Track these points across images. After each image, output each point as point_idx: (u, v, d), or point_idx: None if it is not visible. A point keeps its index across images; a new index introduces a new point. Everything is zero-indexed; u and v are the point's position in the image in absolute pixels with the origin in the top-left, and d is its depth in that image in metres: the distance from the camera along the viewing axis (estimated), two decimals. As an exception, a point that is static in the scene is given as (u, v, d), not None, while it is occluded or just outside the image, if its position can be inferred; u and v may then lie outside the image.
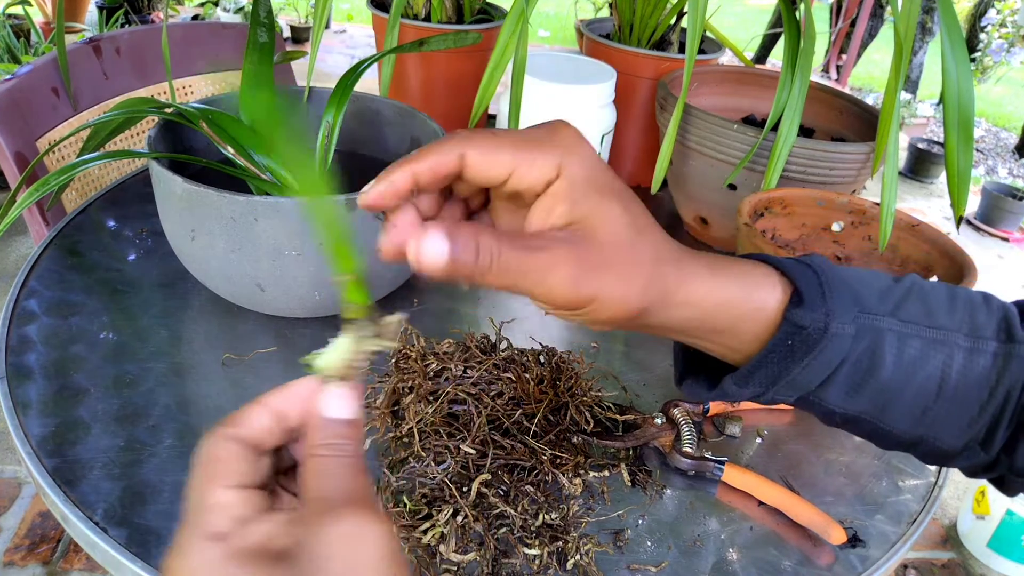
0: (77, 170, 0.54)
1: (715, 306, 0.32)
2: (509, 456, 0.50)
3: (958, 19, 0.66)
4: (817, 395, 0.33)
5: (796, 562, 0.48)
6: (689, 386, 0.36)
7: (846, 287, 0.33)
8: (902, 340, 0.32)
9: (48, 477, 0.48)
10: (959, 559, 1.45)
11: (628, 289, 0.29)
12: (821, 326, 0.31)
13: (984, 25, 3.54)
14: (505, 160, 0.29)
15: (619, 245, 0.29)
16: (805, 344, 0.31)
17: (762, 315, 0.32)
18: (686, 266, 0.31)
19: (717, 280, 0.32)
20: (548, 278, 0.28)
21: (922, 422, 0.33)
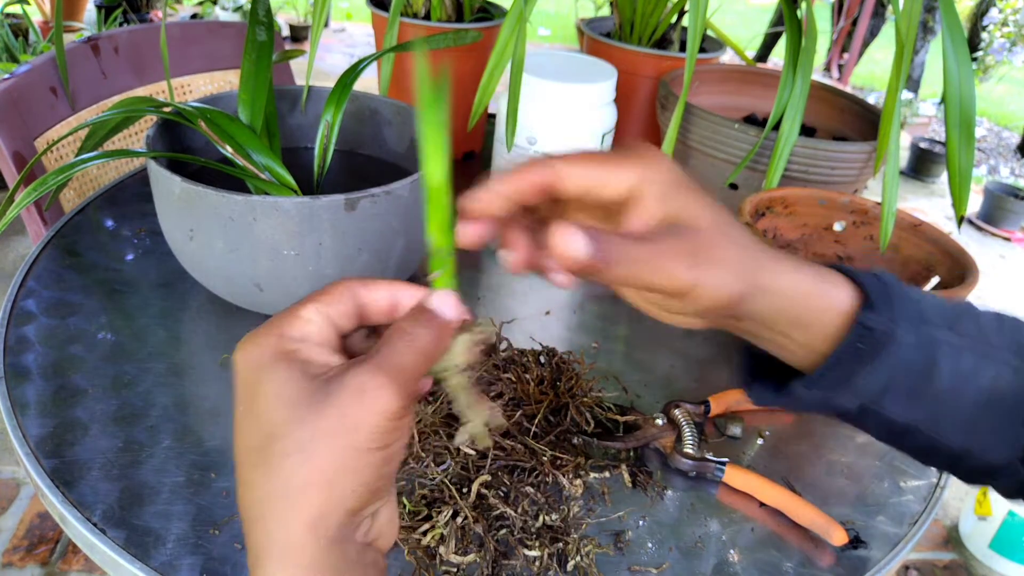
0: (75, 169, 0.54)
1: (798, 297, 0.34)
2: (509, 457, 0.50)
3: (960, 18, 0.65)
4: (879, 403, 0.35)
5: (797, 563, 0.48)
6: (756, 390, 0.38)
7: (909, 299, 0.35)
8: (957, 352, 0.34)
9: (46, 478, 0.47)
10: (961, 560, 1.44)
11: (728, 272, 0.31)
12: (888, 330, 0.33)
13: (986, 24, 3.53)
14: (594, 169, 0.32)
15: (714, 234, 0.31)
16: (872, 347, 0.33)
17: (835, 313, 0.34)
18: (773, 260, 0.33)
19: (800, 273, 0.34)
20: (666, 266, 0.30)
21: (971, 435, 0.35)
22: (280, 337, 0.27)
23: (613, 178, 0.31)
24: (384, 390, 0.25)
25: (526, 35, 0.66)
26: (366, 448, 0.25)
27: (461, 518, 0.46)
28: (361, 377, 0.25)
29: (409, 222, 0.60)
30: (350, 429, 0.25)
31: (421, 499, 0.47)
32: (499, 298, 0.71)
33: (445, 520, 0.45)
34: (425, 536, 0.45)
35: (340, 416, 0.25)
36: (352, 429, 0.25)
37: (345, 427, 0.25)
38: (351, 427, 0.25)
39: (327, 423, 0.25)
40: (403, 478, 0.49)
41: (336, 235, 0.55)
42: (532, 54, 0.74)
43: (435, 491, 0.47)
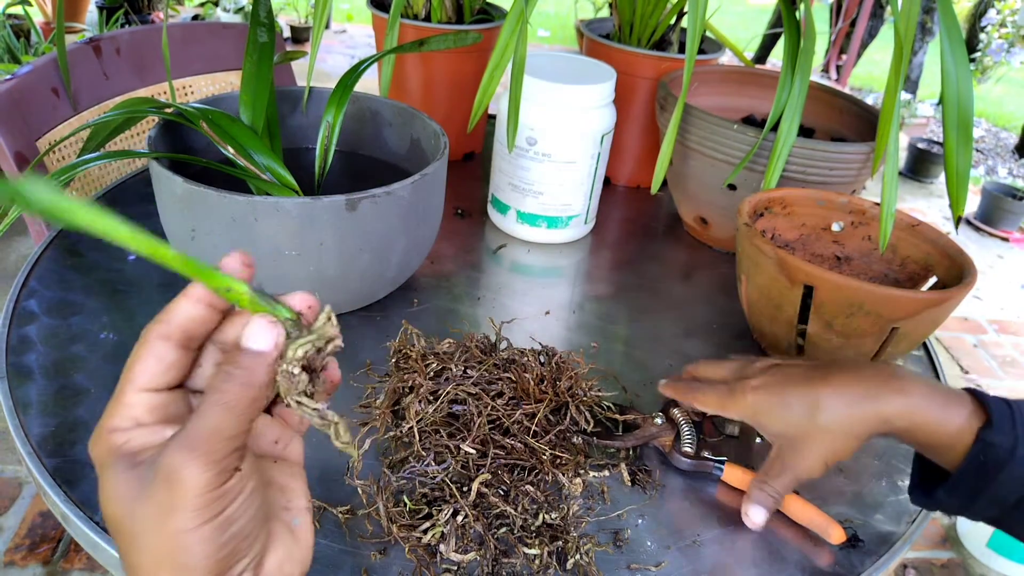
0: (77, 170, 0.54)
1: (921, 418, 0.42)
2: (509, 456, 0.50)
3: (958, 19, 0.66)
4: (1020, 513, 0.39)
5: (796, 562, 0.48)
6: (915, 496, 0.46)
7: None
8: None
9: (48, 477, 0.48)
10: (959, 559, 1.45)
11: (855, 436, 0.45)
12: (1008, 447, 0.38)
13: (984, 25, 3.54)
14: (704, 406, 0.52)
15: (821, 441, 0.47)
16: (996, 461, 0.38)
17: (960, 436, 0.40)
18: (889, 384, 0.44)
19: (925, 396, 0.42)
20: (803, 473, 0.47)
21: None
22: (110, 433, 0.26)
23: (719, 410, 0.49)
24: (188, 469, 0.24)
25: (527, 36, 0.66)
26: (191, 528, 0.24)
27: (461, 516, 0.46)
28: (166, 459, 0.24)
29: (409, 222, 0.60)
30: (167, 514, 0.24)
31: (422, 497, 0.47)
32: (499, 298, 0.72)
33: (445, 518, 0.46)
34: (426, 534, 0.45)
35: (156, 505, 0.24)
36: (168, 513, 0.24)
37: (163, 513, 0.24)
38: (168, 512, 0.24)
39: (148, 511, 0.25)
40: (404, 477, 0.49)
41: (337, 235, 0.55)
42: (532, 55, 0.74)
43: (435, 489, 0.48)
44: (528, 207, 0.78)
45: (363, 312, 0.66)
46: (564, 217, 0.79)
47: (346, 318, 0.65)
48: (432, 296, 0.70)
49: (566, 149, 0.74)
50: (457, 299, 0.70)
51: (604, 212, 0.88)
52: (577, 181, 0.77)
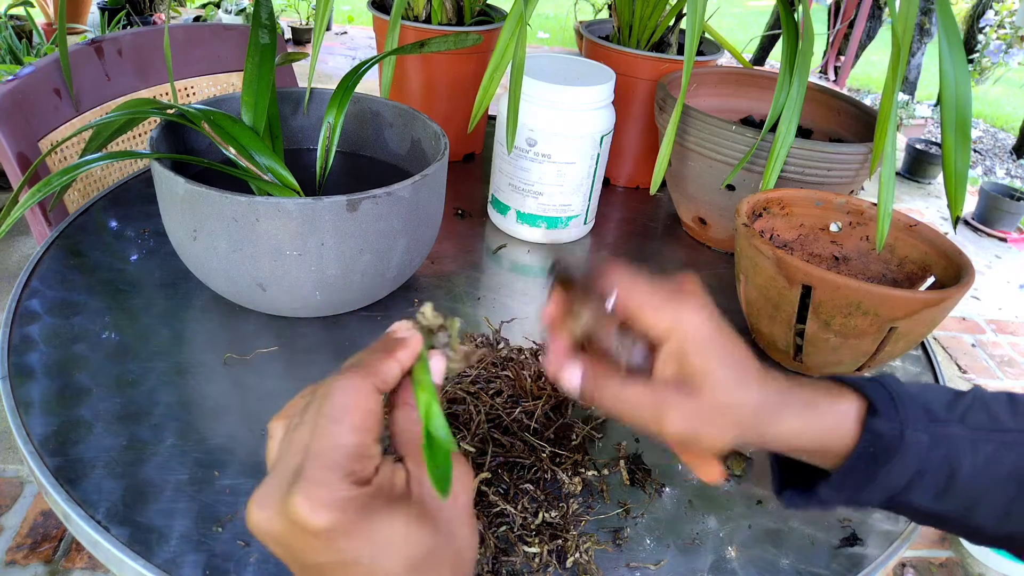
0: (79, 171, 0.55)
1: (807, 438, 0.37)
2: (508, 454, 0.50)
3: (956, 20, 0.66)
4: (906, 497, 0.37)
5: (795, 560, 0.49)
6: (788, 497, 0.41)
7: (914, 400, 0.37)
8: (974, 445, 0.36)
9: (50, 476, 0.48)
10: (957, 558, 1.45)
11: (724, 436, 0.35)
12: (897, 433, 0.36)
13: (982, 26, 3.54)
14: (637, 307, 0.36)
15: (718, 400, 0.35)
16: (885, 450, 0.36)
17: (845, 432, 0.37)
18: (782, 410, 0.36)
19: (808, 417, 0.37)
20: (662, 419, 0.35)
21: (1008, 520, 0.37)
22: (368, 485, 0.28)
23: (650, 321, 0.35)
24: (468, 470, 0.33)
25: (526, 38, 0.67)
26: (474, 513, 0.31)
27: (462, 515, 0.46)
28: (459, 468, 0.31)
29: (410, 223, 0.60)
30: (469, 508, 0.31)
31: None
32: (499, 298, 0.72)
33: (446, 517, 0.46)
34: (426, 532, 0.45)
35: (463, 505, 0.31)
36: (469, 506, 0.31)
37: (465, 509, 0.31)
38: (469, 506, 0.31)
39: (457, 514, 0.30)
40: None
41: (338, 236, 0.56)
42: (532, 57, 0.75)
43: (436, 488, 0.48)
44: (528, 207, 0.78)
45: (363, 312, 0.66)
46: (564, 217, 0.79)
47: (346, 318, 0.65)
48: (432, 296, 0.70)
49: (566, 150, 0.74)
50: (457, 299, 0.71)
51: (603, 212, 0.89)
52: (576, 182, 0.77)
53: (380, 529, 0.27)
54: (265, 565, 0.44)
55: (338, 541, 0.26)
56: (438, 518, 0.29)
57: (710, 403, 0.35)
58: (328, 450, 0.28)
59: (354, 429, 0.28)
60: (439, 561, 0.28)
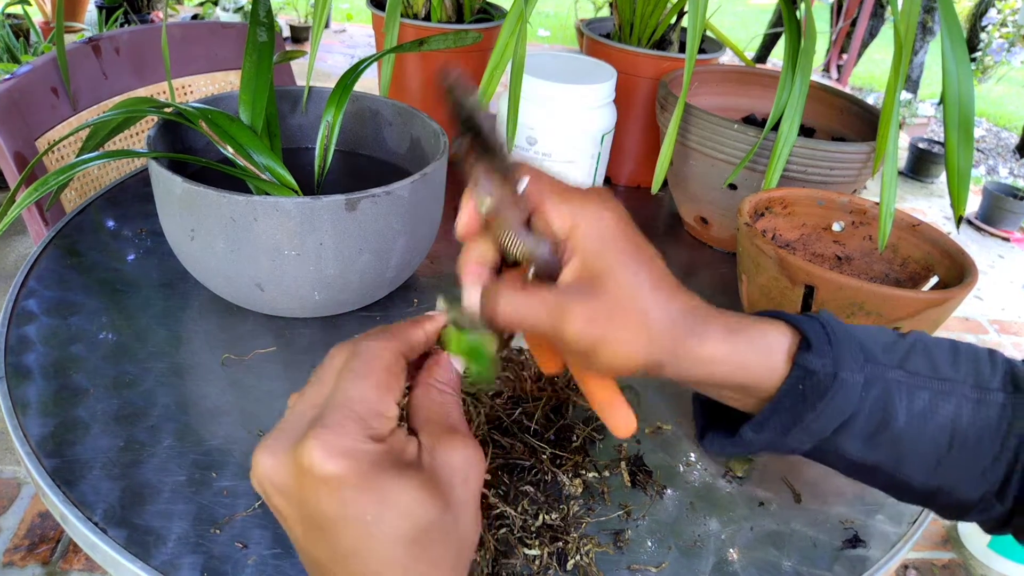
0: (76, 170, 0.54)
1: (731, 366, 0.34)
2: (508, 455, 0.50)
3: (958, 19, 0.65)
4: (834, 443, 0.34)
5: (796, 562, 0.48)
6: (710, 440, 0.38)
7: (851, 338, 0.34)
8: (911, 391, 0.34)
9: (47, 477, 0.48)
10: (960, 559, 1.44)
11: (632, 341, 0.31)
12: (830, 371, 0.33)
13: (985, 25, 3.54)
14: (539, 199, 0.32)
15: (625, 301, 0.31)
16: (816, 389, 0.33)
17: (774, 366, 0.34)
18: (702, 328, 0.33)
19: (733, 342, 0.33)
20: (562, 323, 0.31)
21: (937, 473, 0.34)
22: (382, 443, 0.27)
23: (551, 216, 0.32)
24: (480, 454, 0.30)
25: (526, 36, 0.66)
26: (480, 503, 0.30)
27: (461, 517, 0.46)
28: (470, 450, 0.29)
29: (409, 222, 0.60)
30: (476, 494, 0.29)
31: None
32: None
33: (445, 519, 0.45)
34: (425, 535, 0.45)
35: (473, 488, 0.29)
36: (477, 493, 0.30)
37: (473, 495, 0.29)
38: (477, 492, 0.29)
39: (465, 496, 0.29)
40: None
41: (337, 235, 0.55)
42: (532, 55, 0.74)
43: (435, 490, 0.48)
44: (528, 207, 0.78)
45: (363, 312, 0.66)
46: (564, 217, 0.79)
47: (345, 318, 0.65)
48: (432, 296, 0.70)
49: (566, 149, 0.74)
50: (456, 299, 0.70)
51: (604, 212, 0.88)
52: (577, 181, 0.77)
53: (389, 488, 0.26)
54: (263, 567, 0.44)
55: (345, 492, 0.26)
56: (449, 495, 0.28)
57: (616, 303, 0.31)
58: (349, 401, 0.28)
59: (378, 385, 0.28)
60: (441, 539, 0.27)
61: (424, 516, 0.27)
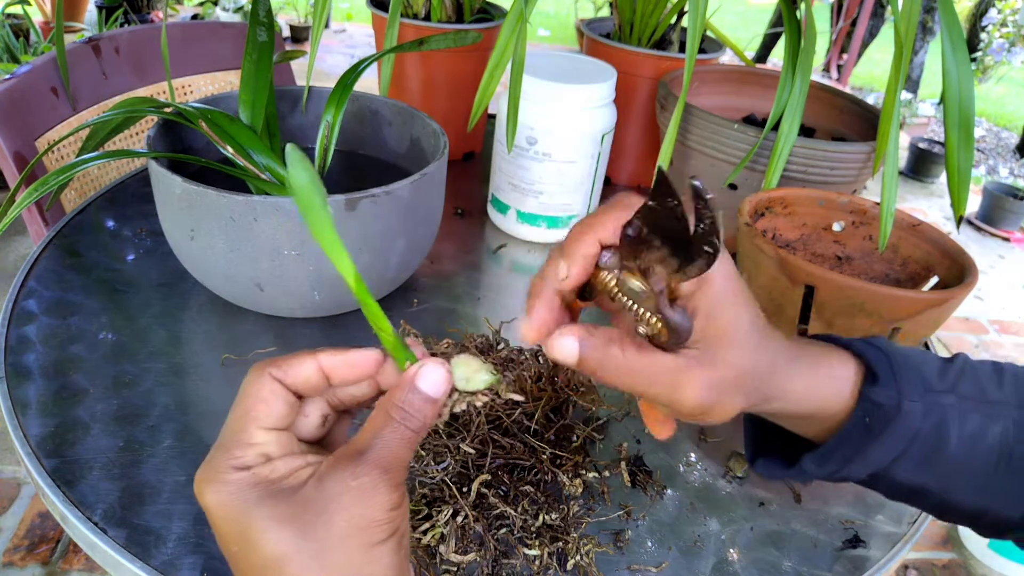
0: (76, 170, 0.54)
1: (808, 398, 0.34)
2: (509, 455, 0.50)
3: (959, 19, 0.65)
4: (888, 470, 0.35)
5: (797, 562, 0.48)
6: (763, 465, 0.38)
7: (911, 366, 0.35)
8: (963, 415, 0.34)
9: (47, 477, 0.47)
10: (960, 559, 1.44)
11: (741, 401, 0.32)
12: (895, 403, 0.33)
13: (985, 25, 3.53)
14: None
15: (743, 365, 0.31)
16: (881, 421, 0.34)
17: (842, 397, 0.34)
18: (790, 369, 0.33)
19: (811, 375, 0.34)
20: (678, 392, 0.30)
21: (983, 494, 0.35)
22: (239, 471, 0.27)
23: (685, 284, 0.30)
24: (383, 485, 0.26)
25: (526, 35, 0.66)
26: (381, 540, 0.26)
27: (461, 517, 0.46)
28: (361, 479, 0.26)
29: (409, 222, 0.60)
30: (361, 528, 0.26)
31: (421, 498, 0.47)
32: (499, 298, 0.71)
33: (445, 519, 0.45)
34: (425, 535, 0.45)
35: (348, 520, 0.25)
36: (362, 528, 0.26)
37: (355, 527, 0.25)
38: (361, 526, 0.26)
39: (337, 529, 0.25)
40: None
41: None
42: (532, 55, 0.74)
43: (435, 490, 0.48)
44: (528, 207, 0.78)
45: (362, 312, 0.66)
46: (564, 217, 0.79)
47: (345, 318, 0.65)
48: (432, 296, 0.70)
49: (566, 149, 0.74)
50: (457, 299, 0.70)
51: (604, 212, 0.88)
52: (577, 181, 0.77)
53: (247, 519, 0.26)
54: (262, 568, 0.44)
55: (216, 523, 0.27)
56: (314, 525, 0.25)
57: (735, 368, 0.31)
58: (223, 433, 0.28)
59: (243, 415, 0.28)
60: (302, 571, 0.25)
61: (274, 547, 0.25)
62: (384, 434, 0.27)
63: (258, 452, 0.28)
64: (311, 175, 0.26)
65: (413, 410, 0.28)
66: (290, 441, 0.29)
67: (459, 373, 0.31)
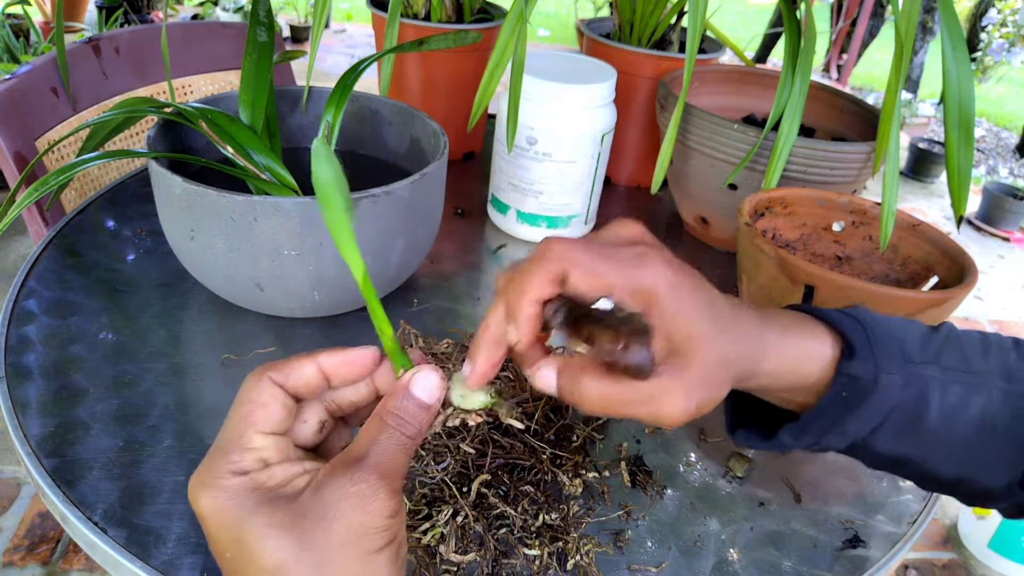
0: (76, 170, 0.54)
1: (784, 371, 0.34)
2: (509, 455, 0.50)
3: (959, 19, 0.65)
4: (867, 440, 0.35)
5: (797, 562, 0.48)
6: (742, 436, 0.39)
7: (891, 338, 0.35)
8: (944, 386, 0.34)
9: (47, 477, 0.47)
10: (960, 559, 1.44)
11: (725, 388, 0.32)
12: (872, 377, 0.33)
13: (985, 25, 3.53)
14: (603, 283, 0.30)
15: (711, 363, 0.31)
16: (858, 395, 0.33)
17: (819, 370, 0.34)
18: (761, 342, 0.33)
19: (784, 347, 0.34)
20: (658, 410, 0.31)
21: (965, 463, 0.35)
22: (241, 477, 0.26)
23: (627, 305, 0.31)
24: (382, 492, 0.26)
25: (526, 35, 0.66)
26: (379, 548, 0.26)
27: (461, 517, 0.46)
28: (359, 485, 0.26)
29: (409, 222, 0.60)
30: (360, 536, 0.25)
31: (421, 498, 0.47)
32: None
33: (445, 519, 0.45)
34: (425, 535, 0.45)
35: (347, 527, 0.25)
36: (361, 535, 0.25)
37: (354, 535, 0.25)
38: (360, 534, 0.25)
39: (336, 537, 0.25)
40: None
41: (336, 235, 0.55)
42: (532, 55, 0.74)
43: (435, 490, 0.48)
44: (528, 207, 0.78)
45: (362, 312, 0.66)
46: (564, 217, 0.79)
47: (345, 318, 0.65)
48: (432, 296, 0.70)
49: (566, 149, 0.74)
50: (457, 299, 0.70)
51: (604, 212, 0.88)
52: (577, 181, 0.77)
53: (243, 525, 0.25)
54: (263, 568, 0.44)
55: (210, 528, 0.26)
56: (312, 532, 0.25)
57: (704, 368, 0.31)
58: (219, 438, 0.28)
59: (241, 419, 0.28)
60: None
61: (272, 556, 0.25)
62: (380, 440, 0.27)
63: (256, 457, 0.27)
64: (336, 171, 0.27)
65: (408, 416, 0.28)
66: (287, 447, 0.29)
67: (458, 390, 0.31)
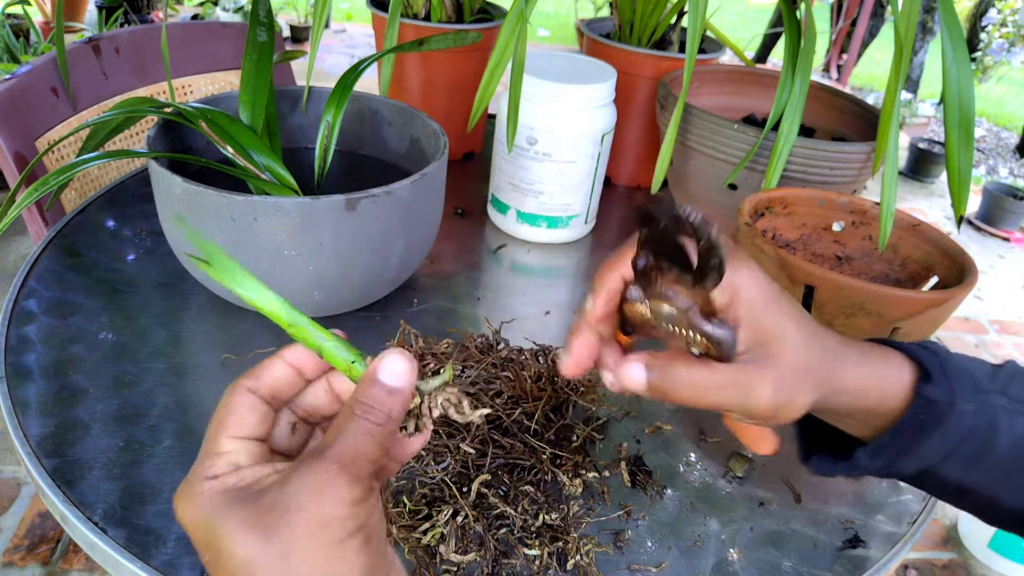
0: (76, 170, 0.54)
1: (864, 390, 0.35)
2: (509, 455, 0.50)
3: (959, 19, 0.65)
4: (936, 467, 0.36)
5: (797, 562, 0.48)
6: (816, 463, 0.40)
7: (962, 369, 0.36)
8: (1012, 417, 0.36)
9: (47, 477, 0.48)
10: (960, 559, 1.44)
11: (809, 396, 0.33)
12: (948, 401, 0.35)
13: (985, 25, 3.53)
14: None
15: (799, 359, 0.33)
16: (935, 418, 0.35)
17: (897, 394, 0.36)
18: (843, 363, 0.35)
19: (864, 367, 0.36)
20: (749, 395, 0.32)
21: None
22: (210, 480, 0.27)
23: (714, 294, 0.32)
24: (341, 479, 0.25)
25: (526, 35, 0.66)
26: (344, 537, 0.25)
27: (461, 517, 0.46)
28: (316, 474, 0.25)
29: (409, 222, 0.60)
30: (322, 525, 0.25)
31: (421, 498, 0.47)
32: (499, 298, 0.71)
33: (445, 519, 0.45)
34: (425, 535, 0.45)
35: (308, 517, 0.25)
36: (324, 525, 0.25)
37: (316, 525, 0.25)
38: (322, 523, 0.25)
39: (300, 528, 0.25)
40: (404, 477, 0.49)
41: (337, 235, 0.55)
42: (532, 55, 0.74)
43: (435, 490, 0.48)
44: (528, 207, 0.78)
45: (363, 312, 0.66)
46: (564, 217, 0.79)
47: (345, 318, 0.65)
48: (432, 296, 0.70)
49: (566, 149, 0.74)
50: (457, 299, 0.70)
51: (604, 212, 0.88)
52: (577, 181, 0.77)
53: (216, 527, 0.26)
54: (263, 568, 0.44)
55: (191, 534, 0.27)
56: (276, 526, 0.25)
57: (793, 363, 0.32)
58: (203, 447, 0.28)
59: (217, 425, 0.28)
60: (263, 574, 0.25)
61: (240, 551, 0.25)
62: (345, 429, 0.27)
63: (227, 461, 0.28)
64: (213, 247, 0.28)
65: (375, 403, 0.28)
66: (262, 451, 0.29)
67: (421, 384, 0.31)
